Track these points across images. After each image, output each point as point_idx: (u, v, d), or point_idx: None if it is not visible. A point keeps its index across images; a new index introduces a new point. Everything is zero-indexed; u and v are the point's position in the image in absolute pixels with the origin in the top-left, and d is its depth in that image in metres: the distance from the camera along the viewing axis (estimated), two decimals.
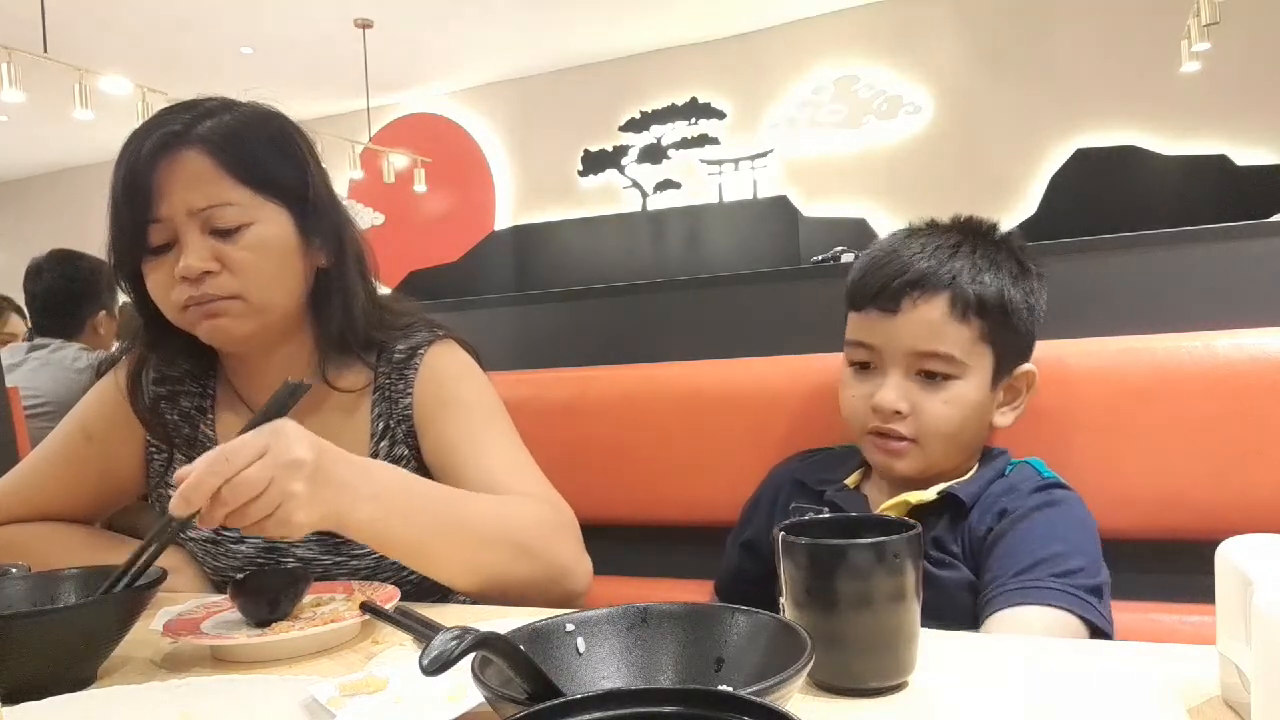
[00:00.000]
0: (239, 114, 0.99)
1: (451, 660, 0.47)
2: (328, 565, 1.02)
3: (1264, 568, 0.51)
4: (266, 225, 0.97)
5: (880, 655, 0.61)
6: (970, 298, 0.95)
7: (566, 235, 7.44)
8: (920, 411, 0.96)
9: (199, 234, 0.94)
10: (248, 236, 0.96)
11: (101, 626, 0.73)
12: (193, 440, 1.07)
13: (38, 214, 9.52)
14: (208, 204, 0.94)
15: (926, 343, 0.96)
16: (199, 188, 0.94)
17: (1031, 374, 1.01)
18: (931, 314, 0.95)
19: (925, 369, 0.96)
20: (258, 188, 0.97)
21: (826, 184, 6.65)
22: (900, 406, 0.96)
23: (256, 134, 0.99)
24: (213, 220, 0.94)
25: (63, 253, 2.75)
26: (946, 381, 0.96)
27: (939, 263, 0.96)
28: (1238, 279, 1.17)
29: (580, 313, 1.56)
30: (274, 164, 0.99)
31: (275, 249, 0.98)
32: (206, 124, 0.96)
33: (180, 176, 0.94)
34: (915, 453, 0.97)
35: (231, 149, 0.96)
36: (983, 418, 0.99)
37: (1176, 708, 0.56)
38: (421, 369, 1.05)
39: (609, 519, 1.33)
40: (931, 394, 0.96)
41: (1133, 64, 5.69)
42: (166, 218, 0.94)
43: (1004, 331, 0.98)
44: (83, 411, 1.10)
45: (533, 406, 1.35)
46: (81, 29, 5.91)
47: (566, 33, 6.69)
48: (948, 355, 0.95)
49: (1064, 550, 0.87)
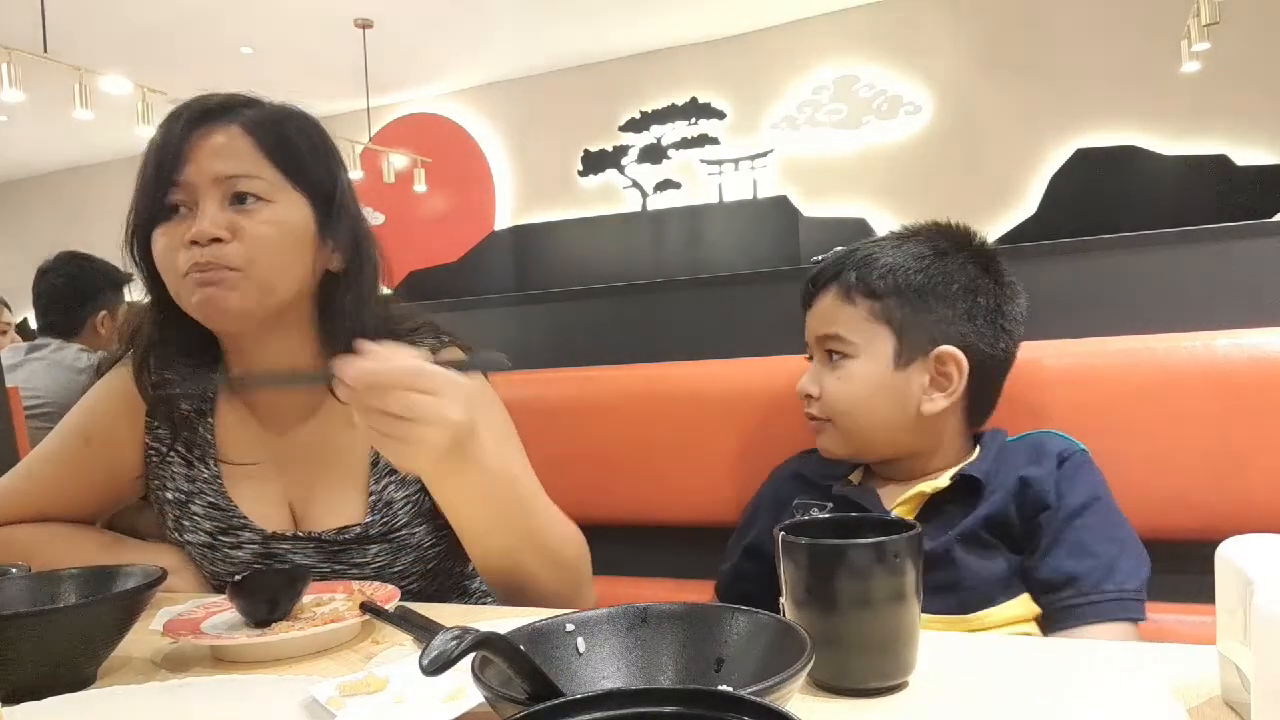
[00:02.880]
0: (281, 107, 1.04)
1: (451, 660, 0.47)
2: (325, 574, 1.02)
3: (1264, 568, 0.51)
4: (286, 208, 0.99)
5: (880, 655, 0.61)
6: (853, 281, 1.03)
7: (566, 235, 7.44)
8: (824, 392, 1.04)
9: (218, 203, 0.96)
10: (266, 212, 0.97)
11: (101, 626, 0.73)
12: (191, 442, 1.07)
13: (38, 214, 9.52)
14: (236, 172, 0.96)
15: (823, 327, 1.05)
16: (231, 158, 0.97)
17: (957, 357, 1.00)
18: (824, 301, 1.06)
19: (828, 350, 1.05)
20: (287, 172, 0.99)
21: (826, 184, 6.65)
22: (810, 389, 1.05)
23: (295, 126, 1.02)
24: (237, 186, 0.97)
25: (69, 253, 2.77)
26: (842, 360, 1.03)
27: (836, 260, 1.07)
28: (1238, 279, 1.17)
29: (580, 313, 1.56)
30: (306, 156, 1.01)
31: (290, 233, 0.99)
32: (248, 109, 1.00)
33: (213, 145, 0.97)
34: (830, 431, 1.05)
35: (269, 131, 0.99)
36: (900, 400, 1.01)
37: (1176, 708, 0.56)
38: None
39: (609, 519, 1.34)
40: (830, 373, 1.04)
41: (1133, 64, 5.69)
42: (189, 183, 0.96)
43: (903, 310, 1.01)
44: (81, 414, 1.10)
45: (533, 406, 1.35)
46: (81, 29, 5.91)
47: (566, 33, 6.69)
48: (836, 335, 1.03)
49: (1116, 553, 0.93)
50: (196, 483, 1.05)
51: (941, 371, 1.01)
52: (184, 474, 1.06)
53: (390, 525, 1.03)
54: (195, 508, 1.04)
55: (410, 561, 1.04)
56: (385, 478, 1.04)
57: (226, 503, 1.04)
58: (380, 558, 1.03)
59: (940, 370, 1.01)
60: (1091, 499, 0.95)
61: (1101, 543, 0.93)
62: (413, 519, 1.04)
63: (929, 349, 1.01)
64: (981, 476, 0.97)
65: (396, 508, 1.03)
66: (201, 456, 1.06)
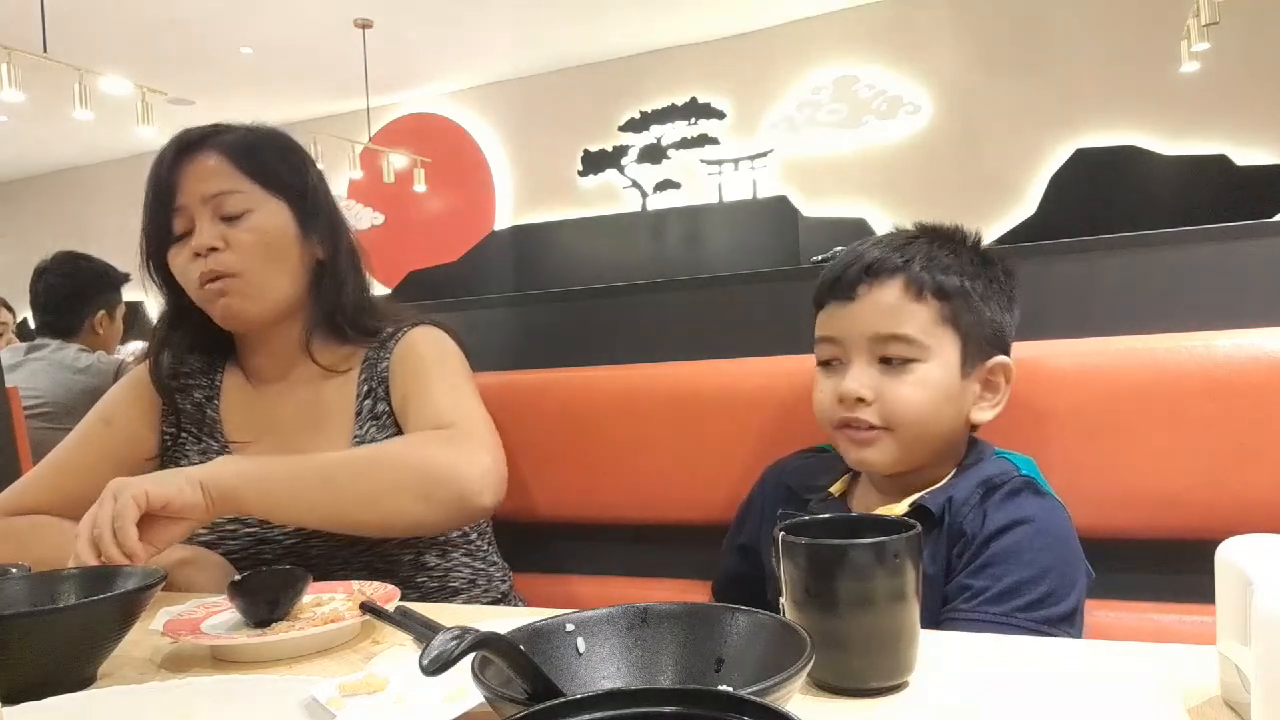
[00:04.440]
0: (251, 129, 1.19)
1: (451, 660, 0.47)
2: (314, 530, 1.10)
3: (1264, 568, 0.51)
4: (267, 215, 1.15)
5: (880, 655, 0.61)
6: (925, 279, 0.95)
7: (566, 235, 7.44)
8: (886, 397, 0.94)
9: (210, 219, 1.12)
10: (249, 221, 1.13)
11: (101, 626, 0.73)
12: (201, 422, 1.21)
13: (37, 214, 9.52)
14: (217, 191, 1.12)
15: (885, 325, 0.94)
16: (211, 179, 1.13)
17: (1008, 367, 0.99)
18: (887, 296, 0.95)
19: (886, 354, 0.95)
20: (262, 182, 1.15)
21: (826, 184, 6.66)
22: (863, 393, 0.94)
23: (263, 142, 1.18)
24: (221, 205, 1.12)
25: (66, 253, 2.77)
26: (910, 365, 0.94)
27: (892, 249, 0.97)
28: (1238, 279, 1.16)
29: (580, 313, 1.56)
30: (277, 165, 1.17)
31: (273, 235, 1.15)
32: (223, 135, 1.16)
33: (197, 171, 1.13)
34: (887, 441, 0.95)
35: (241, 151, 1.15)
36: (958, 409, 0.97)
37: (1176, 708, 0.56)
38: (402, 341, 1.21)
39: (609, 519, 1.34)
40: (896, 379, 0.94)
41: (1132, 64, 5.69)
42: (185, 206, 1.12)
43: (968, 315, 0.96)
44: (103, 403, 1.24)
45: (533, 406, 1.35)
46: (81, 29, 5.91)
47: (566, 33, 6.69)
48: (906, 336, 0.94)
49: (1031, 576, 0.86)
50: (208, 454, 1.18)
51: (991, 380, 0.98)
52: (197, 449, 1.19)
53: None
54: None
55: None
56: (368, 422, 1.16)
57: None
58: None
59: (990, 378, 0.98)
60: (1016, 521, 0.89)
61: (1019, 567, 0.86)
62: None
63: (985, 357, 0.98)
64: (935, 509, 0.93)
65: None
66: (212, 433, 1.20)
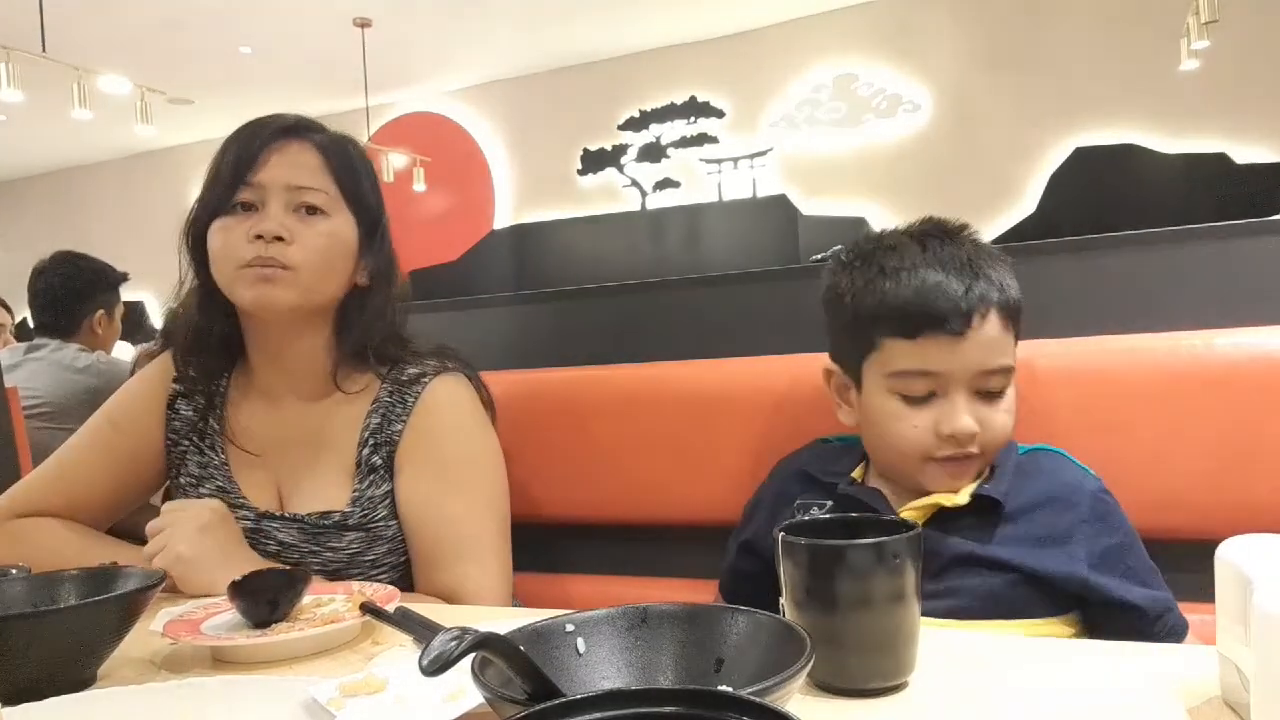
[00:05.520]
0: (344, 135, 1.17)
1: (451, 661, 0.47)
2: (304, 553, 1.10)
3: (1264, 568, 0.51)
4: (338, 223, 1.12)
5: (880, 655, 0.61)
6: (1011, 304, 0.94)
7: (566, 234, 7.43)
8: (986, 426, 0.94)
9: (284, 208, 1.08)
10: (322, 224, 1.10)
11: (101, 627, 0.73)
12: (203, 431, 1.18)
13: (36, 214, 9.51)
14: (305, 184, 1.09)
15: (992, 359, 0.93)
16: (302, 171, 1.10)
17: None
18: (991, 329, 0.93)
19: (989, 387, 0.94)
20: (345, 191, 1.13)
21: (826, 182, 6.65)
22: (975, 429, 0.93)
23: (357, 154, 1.17)
24: (303, 198, 1.09)
25: (65, 253, 2.77)
26: (1004, 391, 0.95)
27: (979, 274, 0.94)
28: (1238, 278, 1.16)
29: (580, 313, 1.56)
30: (363, 181, 1.15)
31: (338, 244, 1.11)
32: (318, 132, 1.14)
33: (289, 157, 1.10)
34: (975, 464, 0.96)
35: (338, 154, 1.13)
36: None
37: (1176, 708, 0.56)
38: (423, 397, 1.14)
39: (609, 519, 1.33)
40: (993, 407, 0.95)
41: (1132, 62, 5.69)
42: (261, 185, 1.08)
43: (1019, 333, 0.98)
44: (110, 405, 1.21)
45: (533, 406, 1.35)
46: (80, 29, 5.90)
47: (566, 32, 6.69)
48: (1007, 368, 0.95)
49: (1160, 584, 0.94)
50: (208, 468, 1.16)
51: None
52: (197, 460, 1.17)
53: (369, 517, 1.11)
54: (205, 490, 1.15)
55: (384, 552, 1.13)
56: (368, 475, 1.12)
57: (232, 485, 1.15)
58: (356, 545, 1.11)
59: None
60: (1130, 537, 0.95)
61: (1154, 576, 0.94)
62: (390, 515, 1.12)
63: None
64: (1000, 498, 0.94)
65: (376, 503, 1.12)
66: (213, 444, 1.17)
